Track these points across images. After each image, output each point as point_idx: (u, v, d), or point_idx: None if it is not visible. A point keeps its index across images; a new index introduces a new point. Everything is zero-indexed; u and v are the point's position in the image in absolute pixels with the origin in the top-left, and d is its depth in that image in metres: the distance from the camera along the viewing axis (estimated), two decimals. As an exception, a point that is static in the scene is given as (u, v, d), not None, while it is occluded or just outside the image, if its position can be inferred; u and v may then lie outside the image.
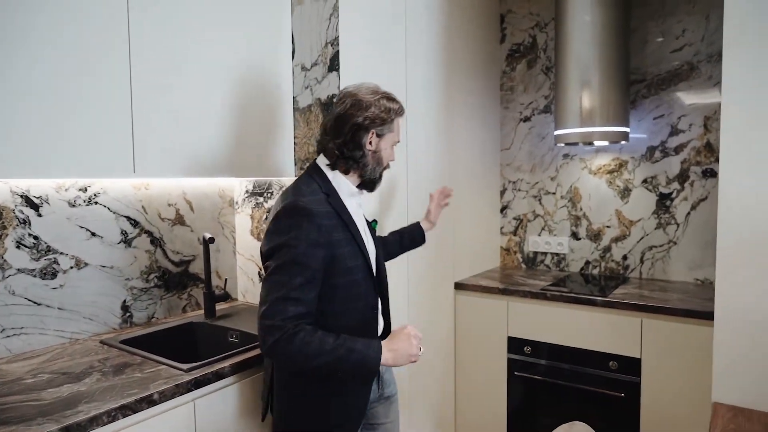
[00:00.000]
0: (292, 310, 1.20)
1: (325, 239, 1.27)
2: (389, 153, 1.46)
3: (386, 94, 1.42)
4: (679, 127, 2.51)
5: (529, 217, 2.95)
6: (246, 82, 1.86)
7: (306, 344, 1.18)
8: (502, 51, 2.98)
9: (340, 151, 1.39)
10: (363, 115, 1.37)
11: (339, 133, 1.39)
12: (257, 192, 2.14)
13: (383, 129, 1.41)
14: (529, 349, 2.42)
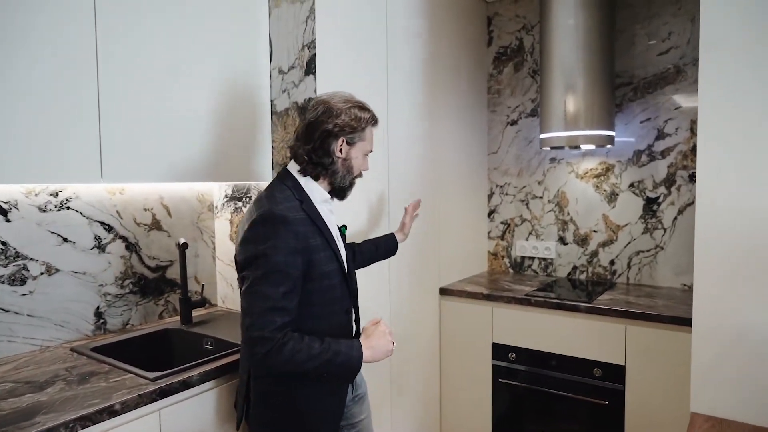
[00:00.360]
0: (279, 320, 1.21)
1: (302, 245, 1.27)
2: (360, 162, 1.46)
3: (359, 103, 1.43)
4: (666, 131, 2.48)
5: (517, 221, 2.93)
6: (223, 86, 1.83)
7: (296, 352, 1.20)
8: (489, 54, 2.96)
9: (309, 157, 1.39)
10: (333, 122, 1.37)
11: (309, 139, 1.39)
12: (236, 197, 2.11)
13: (354, 137, 1.41)
14: (514, 355, 2.39)
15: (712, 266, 1.40)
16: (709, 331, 1.42)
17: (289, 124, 1.92)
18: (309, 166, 1.40)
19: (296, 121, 1.89)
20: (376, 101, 2.09)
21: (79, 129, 1.45)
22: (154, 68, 1.63)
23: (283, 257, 1.23)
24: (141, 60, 1.59)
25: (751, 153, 1.34)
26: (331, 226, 1.42)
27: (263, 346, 1.19)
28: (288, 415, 1.35)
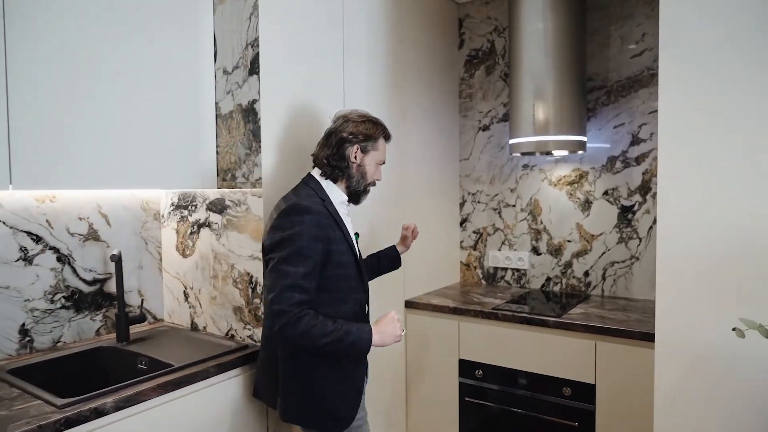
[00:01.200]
0: (297, 296, 1.35)
1: (323, 234, 1.44)
2: (373, 170, 1.62)
3: (373, 119, 1.62)
4: (641, 136, 2.37)
5: (489, 230, 2.81)
6: (165, 86, 1.72)
7: (311, 327, 1.34)
8: (461, 57, 2.85)
9: (328, 161, 1.57)
10: (348, 131, 1.56)
11: (328, 145, 1.58)
12: (182, 205, 1.99)
13: (367, 145, 1.58)
14: (481, 372, 2.26)
15: (674, 280, 1.28)
16: (672, 351, 1.30)
17: (233, 127, 1.80)
18: (328, 168, 1.57)
19: (240, 124, 1.77)
20: (330, 105, 1.98)
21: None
22: (77, 67, 1.51)
23: (305, 242, 1.39)
24: (60, 59, 1.47)
25: (714, 162, 1.23)
26: (348, 225, 1.58)
27: (281, 319, 1.33)
28: (311, 396, 1.48)
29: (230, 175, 1.82)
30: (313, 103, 1.91)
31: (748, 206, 1.18)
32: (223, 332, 1.87)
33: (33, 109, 1.42)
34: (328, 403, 1.49)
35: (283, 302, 1.34)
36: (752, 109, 1.17)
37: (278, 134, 1.78)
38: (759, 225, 1.16)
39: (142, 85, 1.67)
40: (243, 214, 1.78)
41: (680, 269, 1.27)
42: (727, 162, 1.20)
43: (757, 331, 1.05)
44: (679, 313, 1.28)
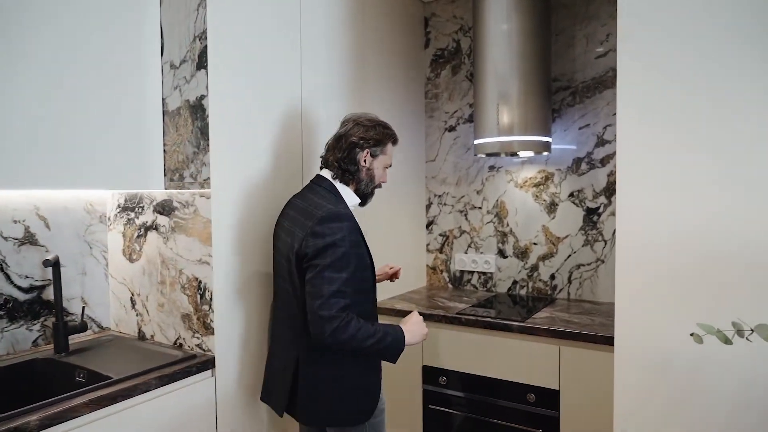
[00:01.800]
0: (342, 301, 1.41)
1: (356, 239, 1.51)
2: (381, 173, 1.68)
3: (383, 123, 1.66)
4: (605, 138, 2.35)
5: (456, 233, 2.76)
6: (108, 81, 1.62)
7: (357, 330, 1.41)
8: (427, 56, 2.80)
9: (339, 164, 1.62)
10: (359, 135, 1.61)
11: (339, 149, 1.62)
12: (129, 207, 1.88)
13: (376, 150, 1.63)
14: (445, 379, 2.20)
15: (634, 284, 1.24)
16: (631, 356, 1.25)
17: (180, 125, 1.70)
18: (339, 171, 1.62)
19: (188, 122, 1.68)
20: (286, 103, 1.90)
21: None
22: (10, 59, 1.40)
23: (347, 248, 1.46)
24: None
25: (674, 164, 1.19)
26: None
27: (331, 324, 1.39)
28: (337, 393, 1.55)
29: (178, 175, 1.72)
30: (267, 101, 1.83)
31: (709, 209, 1.14)
32: (171, 341, 1.77)
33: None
34: (356, 396, 1.57)
35: (333, 308, 1.40)
36: (713, 110, 1.14)
37: (228, 132, 1.69)
38: (719, 228, 1.13)
39: (83, 78, 1.57)
40: (191, 216, 1.68)
41: (639, 273, 1.23)
42: (687, 164, 1.17)
43: (716, 336, 1.01)
44: (639, 317, 1.23)
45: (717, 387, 1.15)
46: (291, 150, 1.94)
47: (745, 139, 1.11)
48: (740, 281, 1.11)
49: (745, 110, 1.11)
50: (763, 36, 1.11)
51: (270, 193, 1.84)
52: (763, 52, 1.10)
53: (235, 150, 1.71)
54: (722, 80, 1.18)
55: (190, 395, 1.58)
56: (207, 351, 1.67)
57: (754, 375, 1.11)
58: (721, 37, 1.24)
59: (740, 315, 1.10)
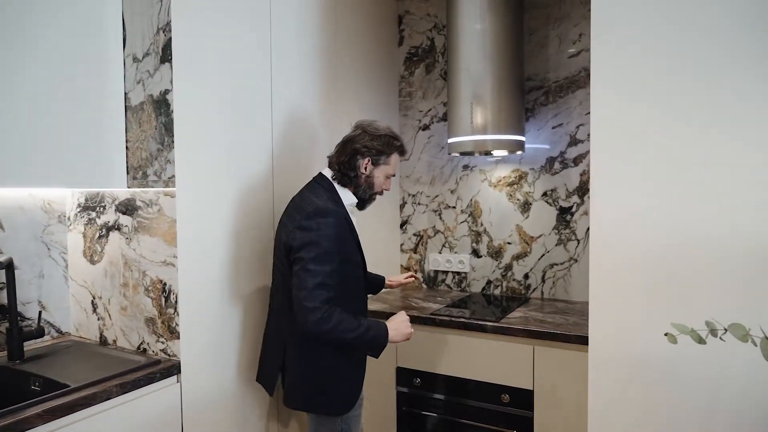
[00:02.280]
0: (326, 294, 1.46)
1: (343, 235, 1.56)
2: (382, 181, 1.72)
3: (391, 134, 1.70)
4: (578, 137, 2.36)
5: (430, 233, 2.73)
6: (66, 74, 1.54)
7: (339, 322, 1.46)
8: (400, 54, 2.77)
9: (339, 167, 1.67)
10: (363, 143, 1.65)
11: (343, 152, 1.68)
12: (89, 206, 1.80)
13: (379, 159, 1.67)
14: (419, 381, 2.17)
15: (607, 284, 1.23)
16: (605, 355, 1.24)
17: (144, 121, 1.63)
18: (339, 174, 1.68)
19: (152, 117, 1.61)
20: (255, 99, 1.84)
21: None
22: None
23: (330, 243, 1.50)
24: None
25: (648, 163, 1.18)
26: (356, 226, 1.68)
27: (314, 315, 1.43)
28: (320, 381, 1.59)
29: (141, 173, 1.65)
30: (235, 97, 1.77)
31: (682, 209, 1.14)
32: (135, 346, 1.70)
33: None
34: (336, 387, 1.61)
35: (316, 299, 1.44)
36: (688, 108, 1.13)
37: (194, 128, 1.63)
38: (693, 227, 1.12)
39: (39, 71, 1.49)
40: (155, 216, 1.61)
41: (613, 272, 1.22)
42: (661, 163, 1.16)
43: (690, 336, 1.00)
44: (612, 316, 1.22)
45: (690, 385, 1.15)
46: (261, 148, 1.88)
47: (719, 138, 1.11)
48: (712, 280, 1.11)
49: (720, 109, 1.11)
50: (741, 35, 1.12)
51: (238, 192, 1.79)
52: (739, 51, 1.10)
53: (201, 147, 1.65)
54: (696, 79, 1.18)
55: (154, 403, 1.51)
56: (172, 356, 1.61)
57: (727, 373, 1.11)
58: (696, 35, 1.24)
59: (713, 314, 1.10)
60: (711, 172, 1.11)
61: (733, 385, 1.11)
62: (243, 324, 1.81)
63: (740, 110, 1.08)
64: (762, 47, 1.06)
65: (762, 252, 1.04)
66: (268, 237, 1.91)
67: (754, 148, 1.08)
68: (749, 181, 1.06)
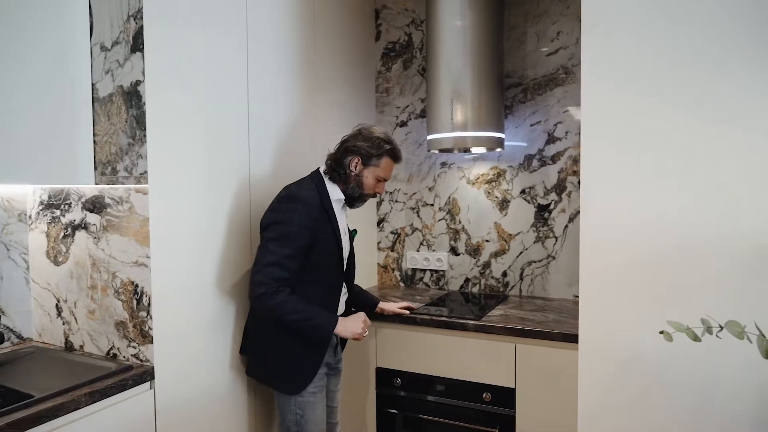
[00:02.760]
0: (278, 273, 1.55)
1: (312, 224, 1.63)
2: (372, 183, 1.76)
3: (385, 139, 1.75)
4: (556, 135, 2.36)
5: (407, 231, 2.70)
6: (29, 63, 1.44)
7: (284, 302, 1.55)
8: (377, 49, 2.73)
9: (331, 163, 1.75)
10: (354, 143, 1.73)
11: (338, 150, 1.76)
12: (53, 204, 1.69)
13: (369, 160, 1.73)
14: (399, 381, 2.14)
15: (598, 281, 1.22)
16: (595, 353, 1.23)
17: (113, 113, 1.54)
18: (329, 169, 1.76)
19: (122, 109, 1.52)
20: (231, 92, 1.78)
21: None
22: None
23: (294, 227, 1.59)
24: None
25: (639, 159, 1.17)
26: (341, 222, 1.76)
27: (260, 288, 1.54)
28: (274, 356, 1.69)
29: (110, 169, 1.56)
30: (211, 89, 1.70)
31: (674, 205, 1.14)
32: (104, 351, 1.61)
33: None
34: (288, 365, 1.68)
35: (265, 275, 1.54)
36: (681, 106, 1.12)
37: (168, 122, 1.55)
38: (684, 224, 1.12)
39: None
40: (125, 214, 1.53)
41: (603, 270, 1.21)
42: (653, 159, 1.15)
43: (685, 334, 0.99)
44: (603, 314, 1.21)
45: (680, 383, 1.15)
46: (238, 143, 1.81)
47: (711, 135, 1.11)
48: (705, 278, 1.11)
49: (715, 107, 1.11)
50: (737, 27, 1.12)
51: (215, 188, 1.72)
52: (734, 45, 1.10)
53: (175, 142, 1.57)
54: (690, 77, 1.17)
55: (127, 412, 1.43)
56: (145, 361, 1.53)
57: (717, 369, 1.12)
58: (691, 27, 1.23)
59: (705, 312, 1.10)
60: (702, 169, 1.11)
61: (722, 380, 1.11)
62: (220, 326, 1.74)
63: (736, 107, 1.08)
64: (759, 40, 1.06)
65: (755, 249, 1.04)
66: (246, 235, 1.84)
67: (748, 146, 1.08)
68: (742, 178, 1.06)
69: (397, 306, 2.12)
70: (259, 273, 1.55)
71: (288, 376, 1.70)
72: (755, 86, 1.05)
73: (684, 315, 1.10)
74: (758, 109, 1.06)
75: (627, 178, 1.18)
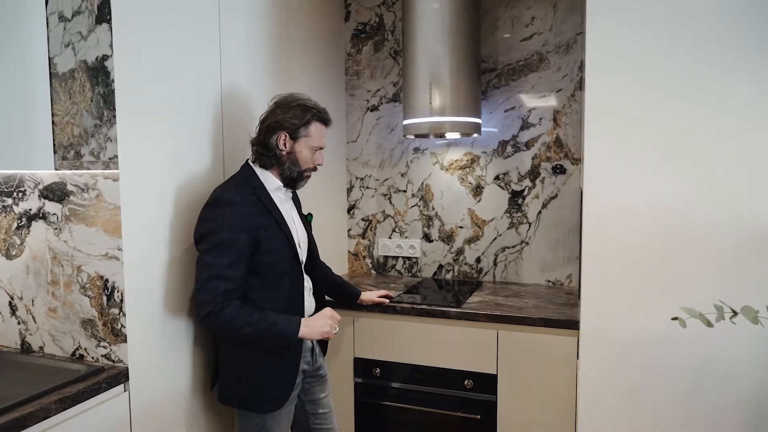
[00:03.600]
0: (222, 286, 1.41)
1: (248, 224, 1.46)
2: (308, 155, 1.58)
3: (305, 103, 1.57)
4: (530, 121, 2.37)
5: (379, 217, 2.65)
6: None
7: (233, 317, 1.40)
8: (347, 30, 2.63)
9: (256, 149, 1.57)
10: (275, 118, 1.54)
11: (258, 132, 1.59)
12: (4, 191, 1.53)
13: (297, 132, 1.55)
14: (378, 371, 2.10)
15: (601, 268, 1.21)
16: (597, 341, 1.23)
17: (76, 91, 1.40)
18: (257, 156, 1.58)
19: (86, 87, 1.38)
20: (204, 69, 1.65)
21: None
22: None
23: (227, 233, 1.43)
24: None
25: (643, 145, 1.17)
26: (285, 211, 1.59)
27: (205, 308, 1.40)
28: (247, 375, 1.55)
29: (73, 153, 1.42)
30: (182, 67, 1.57)
31: (677, 192, 1.14)
32: (69, 352, 1.47)
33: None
34: (263, 383, 1.54)
35: (208, 292, 1.40)
36: (685, 90, 1.12)
37: (140, 101, 1.42)
38: (688, 210, 1.13)
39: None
40: (92, 203, 1.39)
41: (606, 256, 1.21)
42: (657, 145, 1.15)
43: (694, 320, 1.00)
44: (605, 301, 1.21)
45: (678, 367, 1.16)
46: (214, 123, 1.70)
47: (716, 123, 1.11)
48: (708, 265, 1.12)
49: (719, 96, 1.11)
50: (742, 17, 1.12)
51: (192, 172, 1.60)
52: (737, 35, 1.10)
53: (148, 123, 1.45)
54: (695, 66, 1.17)
55: (100, 417, 1.32)
56: (117, 362, 1.41)
57: (713, 352, 1.14)
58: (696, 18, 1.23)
59: (708, 296, 1.11)
60: (705, 156, 1.12)
61: (718, 362, 1.14)
62: (195, 322, 1.64)
63: (739, 96, 1.09)
64: (761, 31, 1.07)
65: (757, 235, 1.06)
66: (219, 225, 1.73)
67: (752, 134, 1.09)
68: (744, 165, 1.08)
69: (375, 295, 2.07)
70: (200, 291, 1.41)
71: (261, 395, 1.55)
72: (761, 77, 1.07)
73: (688, 301, 1.11)
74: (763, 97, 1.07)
75: (629, 168, 1.18)
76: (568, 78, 2.29)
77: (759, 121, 1.08)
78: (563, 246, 2.34)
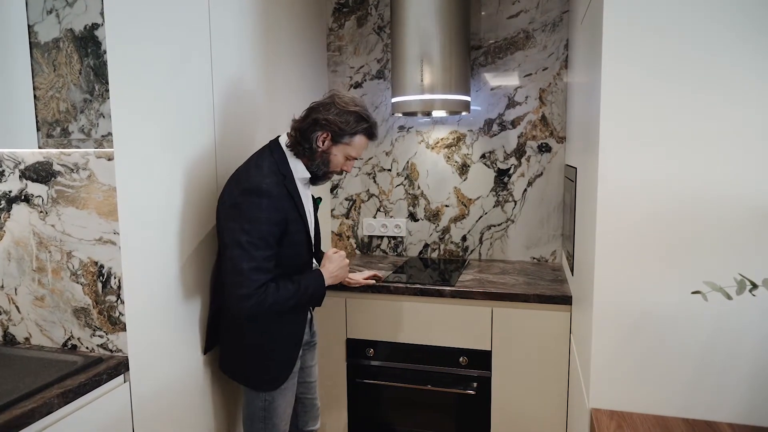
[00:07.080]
0: (262, 278, 1.43)
1: (281, 217, 1.48)
2: (340, 161, 1.57)
3: (361, 113, 1.53)
4: (516, 99, 2.37)
5: (363, 197, 2.62)
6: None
7: (275, 301, 1.44)
8: (329, 4, 2.55)
9: (295, 136, 1.54)
10: (326, 116, 1.50)
11: (305, 119, 1.54)
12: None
13: (340, 137, 1.52)
14: (372, 351, 2.09)
15: (614, 242, 1.23)
16: (609, 314, 1.26)
17: (61, 62, 1.29)
18: (293, 143, 1.54)
19: (73, 57, 1.27)
20: (194, 42, 1.56)
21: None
22: None
23: (267, 227, 1.44)
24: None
25: (658, 121, 1.18)
26: (306, 200, 1.60)
27: (249, 301, 1.41)
28: (248, 353, 1.57)
29: (60, 130, 1.31)
30: (174, 40, 1.48)
31: (693, 167, 1.16)
32: (59, 343, 1.39)
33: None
34: (267, 363, 1.57)
35: (251, 286, 1.41)
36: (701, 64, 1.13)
37: (135, 74, 1.32)
38: (702, 186, 1.15)
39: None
40: (84, 183, 1.30)
41: (620, 232, 1.23)
42: (672, 121, 1.16)
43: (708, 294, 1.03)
44: (617, 273, 1.24)
45: (686, 340, 1.21)
46: (202, 99, 1.61)
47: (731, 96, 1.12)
48: (722, 240, 1.16)
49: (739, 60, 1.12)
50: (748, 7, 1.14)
51: (195, 149, 1.52)
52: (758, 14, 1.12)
53: (144, 98, 1.36)
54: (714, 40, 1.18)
55: (103, 409, 1.25)
56: (116, 352, 1.34)
57: (720, 325, 1.19)
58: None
59: (719, 270, 1.15)
60: (716, 135, 1.14)
61: (726, 335, 1.19)
62: (202, 306, 1.58)
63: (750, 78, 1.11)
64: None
65: (763, 211, 1.10)
66: (214, 203, 1.66)
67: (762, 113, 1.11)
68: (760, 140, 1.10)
69: (362, 276, 2.03)
70: (242, 285, 1.40)
71: (264, 372, 1.58)
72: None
73: (703, 276, 1.14)
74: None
75: (644, 144, 1.19)
76: (554, 56, 2.30)
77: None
78: (548, 223, 2.38)
